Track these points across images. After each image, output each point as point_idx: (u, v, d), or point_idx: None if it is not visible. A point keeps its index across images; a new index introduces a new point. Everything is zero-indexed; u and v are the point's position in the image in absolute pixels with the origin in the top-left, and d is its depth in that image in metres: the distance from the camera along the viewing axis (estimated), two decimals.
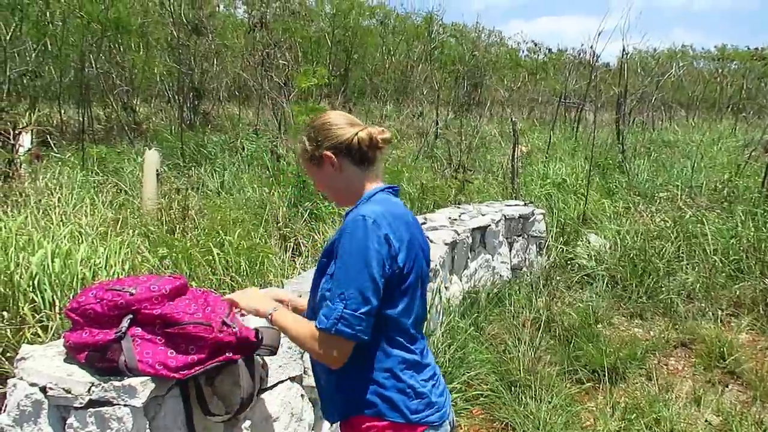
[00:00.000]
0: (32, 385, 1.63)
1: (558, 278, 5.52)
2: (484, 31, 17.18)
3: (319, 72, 4.89)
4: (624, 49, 8.46)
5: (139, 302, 1.70)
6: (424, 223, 4.76)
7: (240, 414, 1.84)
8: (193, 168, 7.36)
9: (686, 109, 18.37)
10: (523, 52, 19.80)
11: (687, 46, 21.43)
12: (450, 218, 5.01)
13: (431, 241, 4.26)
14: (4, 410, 1.68)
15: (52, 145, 7.72)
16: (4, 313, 2.64)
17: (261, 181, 6.46)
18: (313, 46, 12.81)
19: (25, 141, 6.01)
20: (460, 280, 4.75)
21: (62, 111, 10.00)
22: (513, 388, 3.75)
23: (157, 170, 5.11)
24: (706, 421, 3.61)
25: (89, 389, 1.59)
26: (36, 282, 2.78)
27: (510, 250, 5.48)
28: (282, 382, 2.22)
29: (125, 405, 1.59)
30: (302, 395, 2.33)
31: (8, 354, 2.60)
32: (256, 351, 1.89)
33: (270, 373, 2.14)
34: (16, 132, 5.93)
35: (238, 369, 1.82)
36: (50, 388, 1.61)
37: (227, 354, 1.75)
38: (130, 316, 1.68)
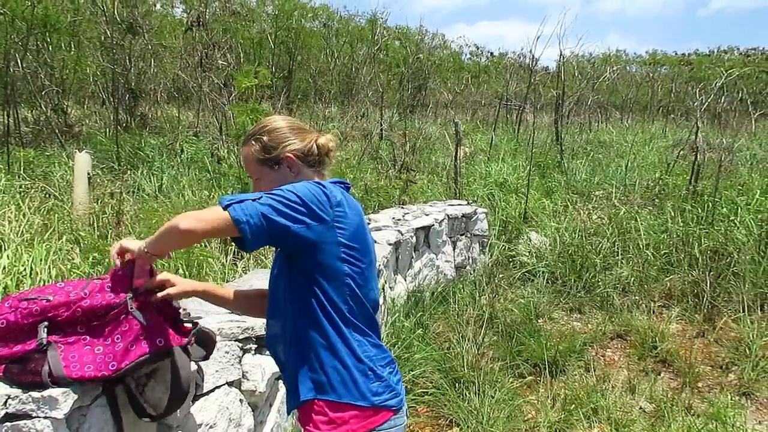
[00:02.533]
0: None
1: (501, 275, 5.62)
2: (428, 34, 17.41)
3: (262, 72, 4.81)
4: (561, 53, 8.74)
5: (55, 308, 1.60)
6: (368, 224, 4.74)
7: (175, 408, 1.72)
8: (129, 171, 7.09)
9: (620, 111, 19.15)
10: (465, 55, 20.18)
11: (621, 50, 22.40)
12: (394, 218, 5.02)
13: (375, 242, 4.25)
14: None
15: None
16: None
17: (201, 183, 6.29)
18: (255, 47, 12.61)
19: None
20: (405, 280, 4.76)
21: None
22: (457, 384, 3.79)
23: (88, 173, 4.88)
24: (640, 408, 3.76)
25: (5, 402, 1.49)
26: None
27: (454, 249, 5.55)
28: (219, 387, 2.15)
29: (45, 417, 1.49)
30: (241, 400, 2.27)
31: None
32: (190, 336, 1.77)
33: (206, 378, 2.07)
34: None
35: (172, 359, 1.67)
36: None
37: (158, 342, 1.63)
38: (46, 323, 1.58)
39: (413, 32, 16.37)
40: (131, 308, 1.62)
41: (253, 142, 1.72)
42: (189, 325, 1.81)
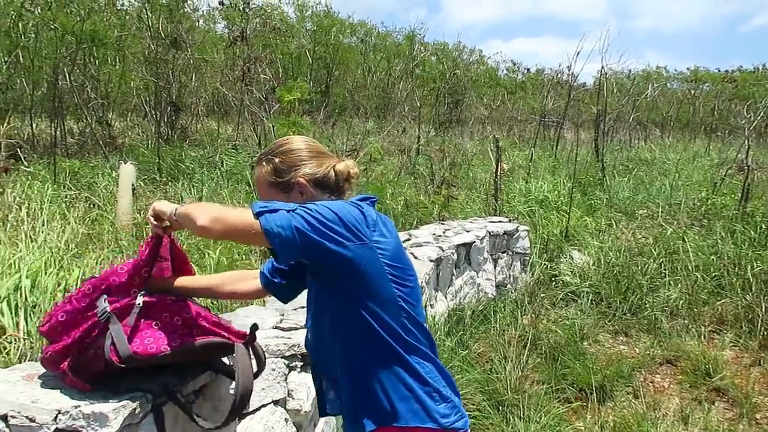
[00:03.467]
0: None
1: (542, 295, 5.47)
2: (465, 50, 17.37)
3: (302, 87, 4.82)
4: (603, 69, 8.57)
5: (105, 279, 1.58)
6: (408, 239, 4.67)
7: (233, 418, 1.65)
8: (170, 183, 7.19)
9: (660, 128, 18.72)
10: (502, 71, 20.07)
11: (661, 67, 21.93)
12: (434, 234, 4.94)
13: (416, 258, 4.18)
14: None
15: (22, 158, 7.48)
16: None
17: (240, 195, 6.33)
18: (294, 62, 12.77)
19: None
20: (446, 298, 4.66)
21: (34, 124, 9.74)
22: (500, 407, 3.66)
23: (132, 184, 4.95)
24: None
25: (56, 417, 1.45)
26: (4, 304, 2.61)
27: (495, 267, 5.43)
28: (265, 405, 2.10)
29: None
30: (286, 419, 2.20)
31: None
32: (251, 333, 1.72)
33: (252, 396, 2.01)
34: None
35: (237, 359, 1.62)
36: (12, 417, 1.46)
37: (222, 332, 1.61)
38: (104, 296, 1.55)
39: (450, 48, 16.37)
40: (139, 304, 1.56)
41: (264, 164, 1.62)
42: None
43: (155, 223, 1.61)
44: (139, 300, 1.56)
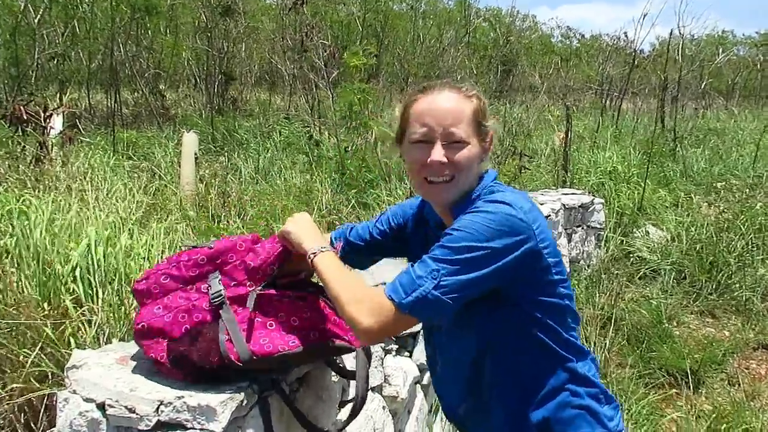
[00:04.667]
0: (87, 400, 1.34)
1: (618, 272, 5.14)
2: (518, 15, 16.61)
3: (368, 51, 4.62)
4: (680, 32, 7.95)
5: (222, 253, 1.38)
6: None
7: (352, 419, 1.51)
8: (225, 153, 7.09)
9: (725, 96, 17.66)
10: (556, 38, 19.22)
11: (727, 32, 20.54)
12: None
13: None
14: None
15: (81, 129, 7.49)
16: (45, 305, 2.37)
17: (298, 166, 6.17)
18: (344, 29, 12.47)
19: (57, 123, 5.78)
20: None
21: (90, 95, 9.79)
22: None
23: (195, 153, 4.84)
24: None
25: (157, 409, 1.29)
26: (77, 273, 2.49)
27: (569, 242, 5.12)
28: None
29: (201, 429, 1.28)
30: (383, 407, 2.02)
31: (48, 350, 2.34)
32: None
33: (351, 383, 1.83)
34: (47, 115, 5.70)
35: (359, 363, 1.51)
36: (110, 406, 1.31)
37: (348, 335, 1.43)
38: (218, 276, 1.36)
39: (504, 14, 15.70)
40: (254, 296, 1.37)
41: (476, 99, 1.31)
42: None
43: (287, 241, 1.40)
44: (254, 292, 1.37)
